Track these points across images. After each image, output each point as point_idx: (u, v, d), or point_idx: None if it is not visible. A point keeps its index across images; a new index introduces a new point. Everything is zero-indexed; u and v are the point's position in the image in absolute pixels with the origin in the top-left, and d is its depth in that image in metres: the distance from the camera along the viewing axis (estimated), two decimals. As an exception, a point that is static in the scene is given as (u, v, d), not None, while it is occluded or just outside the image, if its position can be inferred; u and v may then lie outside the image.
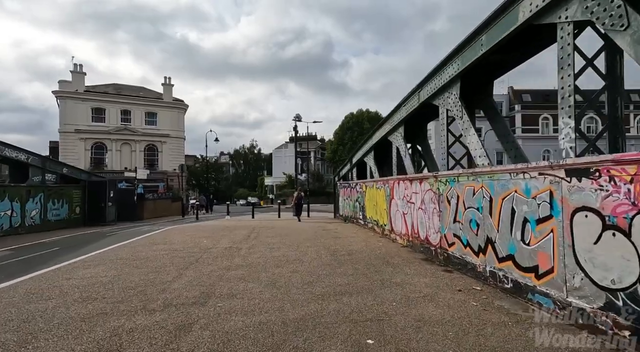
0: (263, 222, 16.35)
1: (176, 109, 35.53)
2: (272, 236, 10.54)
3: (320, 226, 13.88)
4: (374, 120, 59.70)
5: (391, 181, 9.48)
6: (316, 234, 10.98)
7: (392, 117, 9.57)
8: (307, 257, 7.15)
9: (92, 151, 31.88)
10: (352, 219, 14.57)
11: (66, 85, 30.88)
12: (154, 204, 21.76)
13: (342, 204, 17.13)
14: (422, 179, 7.37)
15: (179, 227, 13.69)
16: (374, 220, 11.35)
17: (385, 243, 8.94)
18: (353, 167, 15.07)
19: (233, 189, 76.48)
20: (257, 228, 12.80)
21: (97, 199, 15.86)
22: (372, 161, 11.93)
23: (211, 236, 10.42)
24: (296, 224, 14.92)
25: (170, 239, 9.95)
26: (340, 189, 17.64)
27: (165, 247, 8.38)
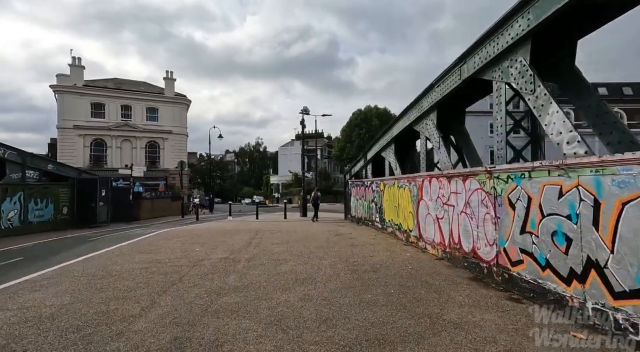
0: (268, 224, 14.89)
1: (178, 105, 34.25)
2: (278, 242, 9.05)
3: (331, 229, 12.37)
4: (382, 117, 57.96)
5: (419, 178, 7.92)
6: (328, 240, 9.47)
7: (420, 103, 8.00)
8: (322, 274, 5.63)
9: (92, 148, 30.73)
10: (367, 221, 13.03)
11: (64, 79, 29.74)
12: (151, 203, 20.45)
13: (354, 205, 15.60)
14: (468, 175, 5.80)
15: (174, 230, 12.29)
16: (395, 224, 9.80)
17: (414, 253, 7.39)
18: (368, 163, 13.52)
19: (238, 188, 75.40)
20: (261, 232, 11.33)
21: (87, 198, 14.55)
22: (393, 156, 10.37)
23: (207, 242, 8.97)
24: (304, 227, 13.43)
25: (158, 246, 8.52)
26: (352, 188, 16.11)
27: (148, 259, 6.94)
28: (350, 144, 57.19)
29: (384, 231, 10.81)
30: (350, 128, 58.48)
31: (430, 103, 7.45)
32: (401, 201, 9.24)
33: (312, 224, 14.50)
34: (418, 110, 8.14)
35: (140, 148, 32.40)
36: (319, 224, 14.44)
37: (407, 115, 9.00)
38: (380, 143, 11.57)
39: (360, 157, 14.99)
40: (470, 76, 5.82)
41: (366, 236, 10.19)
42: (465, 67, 5.97)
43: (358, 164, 15.43)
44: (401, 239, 9.16)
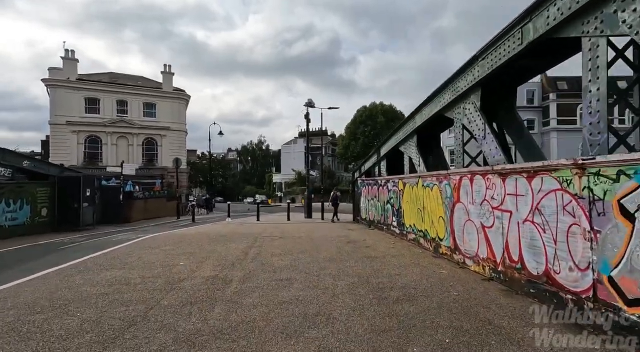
0: (269, 226, 13.43)
1: (177, 100, 32.84)
2: (280, 252, 7.57)
3: (340, 234, 10.88)
4: (388, 114, 56.42)
5: (455, 176, 6.40)
6: (340, 249, 7.98)
7: (455, 84, 6.48)
8: (339, 305, 4.15)
9: (86, 145, 29.42)
10: (381, 224, 11.53)
11: (57, 73, 28.41)
12: (144, 203, 19.05)
13: (364, 206, 14.09)
14: (538, 171, 4.28)
15: (164, 235, 10.85)
16: (418, 230, 8.28)
17: (451, 270, 5.88)
18: (381, 159, 12.00)
19: (240, 186, 74.11)
20: (261, 237, 9.86)
21: (69, 198, 13.16)
22: (415, 150, 8.84)
23: (195, 252, 7.51)
24: (310, 230, 11.94)
25: (135, 257, 7.07)
26: (362, 187, 14.60)
27: (116, 277, 5.48)
28: (355, 141, 55.64)
29: (403, 238, 9.30)
30: (354, 125, 56.92)
31: (471, 82, 5.93)
32: (427, 203, 7.73)
33: (318, 228, 13.01)
34: (452, 93, 6.61)
35: (137, 145, 31.06)
36: (327, 228, 12.95)
37: (435, 101, 7.47)
38: (398, 136, 10.05)
39: (372, 152, 13.47)
40: (540, 36, 4.28)
41: (384, 244, 8.69)
42: (531, 26, 4.44)
43: (369, 160, 13.90)
44: (427, 249, 7.66)
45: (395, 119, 56.36)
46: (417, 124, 8.51)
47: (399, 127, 9.98)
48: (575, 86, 33.91)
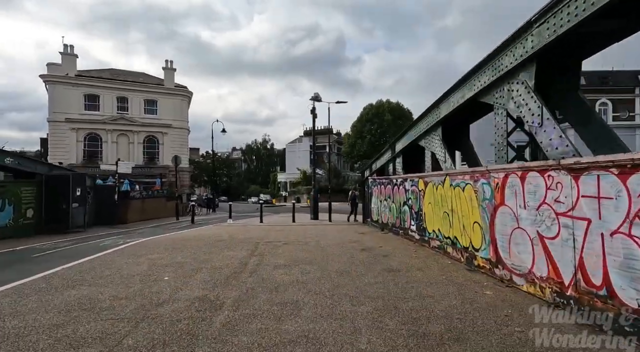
0: (273, 229, 12.33)
1: (179, 96, 31.92)
2: (284, 263, 6.46)
3: (352, 238, 9.74)
4: (395, 111, 55.06)
5: (498, 173, 5.22)
6: (354, 258, 6.84)
7: (498, 61, 5.31)
8: (364, 346, 3.02)
9: (85, 143, 28.62)
10: (396, 228, 10.37)
11: (56, 68, 27.62)
12: (142, 203, 18.07)
13: (376, 207, 12.94)
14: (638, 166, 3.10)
15: (156, 239, 9.78)
16: (445, 237, 7.12)
17: (497, 291, 4.71)
18: (397, 156, 10.83)
19: (245, 186, 73.29)
20: (263, 243, 8.76)
21: (58, 198, 12.19)
22: (439, 144, 7.66)
23: (185, 263, 6.43)
24: (318, 234, 10.81)
25: (114, 269, 6.00)
26: (373, 186, 13.44)
27: (81, 298, 4.42)
28: (361, 140, 54.43)
29: (424, 244, 8.13)
30: (361, 123, 55.67)
31: (521, 56, 4.76)
32: (457, 206, 6.56)
33: (326, 231, 11.88)
34: (494, 72, 5.43)
35: (137, 143, 30.22)
36: (336, 231, 11.81)
37: (467, 85, 6.30)
38: (418, 129, 8.88)
39: (385, 149, 12.30)
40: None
41: (403, 252, 7.53)
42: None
43: (382, 157, 12.73)
44: (457, 260, 6.49)
45: (403, 117, 55.00)
46: (443, 114, 7.34)
47: (419, 119, 8.81)
48: (595, 81, 32.37)
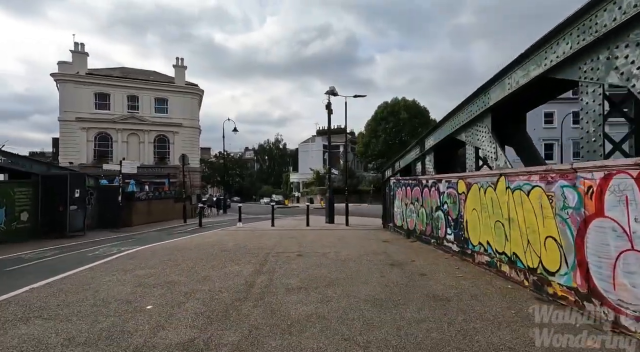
0: (285, 236, 11.12)
1: (189, 95, 31.20)
2: (299, 284, 5.21)
3: (377, 249, 8.41)
4: (411, 109, 53.22)
5: (594, 173, 3.81)
6: (385, 278, 5.52)
7: (591, 19, 3.91)
8: None
9: (96, 142, 28.18)
10: (426, 236, 8.99)
11: (67, 67, 27.27)
12: (148, 205, 17.17)
13: (400, 210, 11.57)
14: None
15: (152, 248, 8.67)
16: (499, 252, 5.72)
17: (603, 341, 3.32)
18: (426, 153, 9.44)
19: (257, 186, 72.64)
20: (274, 254, 7.55)
21: (55, 200, 11.33)
22: (488, 137, 6.27)
23: (180, 281, 5.27)
24: (336, 243, 9.53)
25: (91, 291, 4.89)
26: (396, 188, 12.07)
27: (20, 342, 3.27)
28: (376, 139, 52.86)
29: (467, 259, 6.74)
30: (375, 122, 54.06)
31: (626, 15, 3.37)
32: (518, 214, 5.17)
33: (346, 238, 10.58)
34: (583, 36, 4.04)
35: (148, 143, 29.63)
36: (357, 238, 10.50)
37: (534, 59, 4.91)
38: (456, 121, 7.49)
39: (411, 146, 10.90)
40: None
41: (443, 269, 6.17)
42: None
43: (407, 156, 11.35)
44: (518, 282, 5.09)
45: (419, 115, 53.11)
46: (494, 100, 5.95)
47: (459, 109, 7.41)
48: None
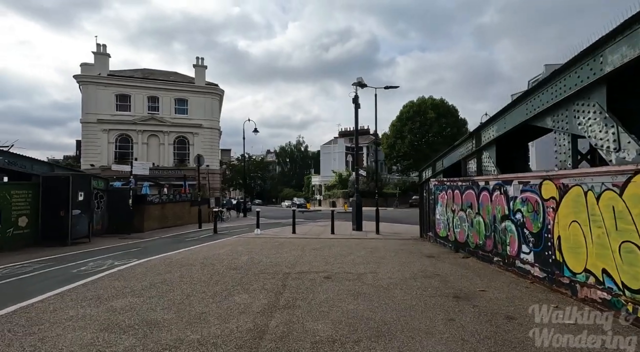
0: (308, 247, 9.51)
1: (210, 95, 30.43)
2: (331, 335, 3.55)
3: (424, 267, 6.61)
4: (439, 108, 50.49)
5: None
6: (454, 323, 3.76)
7: None
8: None
9: (117, 144, 27.85)
10: (485, 252, 7.09)
11: (89, 69, 27.16)
12: (161, 209, 16.08)
13: (443, 218, 9.70)
14: None
15: (150, 263, 7.24)
16: (629, 289, 3.81)
17: None
18: (484, 149, 7.55)
19: (278, 189, 71.82)
20: (294, 276, 5.94)
21: (56, 204, 10.32)
22: (600, 120, 4.37)
23: (161, 325, 3.76)
24: (372, 260, 7.79)
25: (34, 338, 3.47)
26: (439, 191, 10.20)
27: None
28: (401, 140, 50.44)
29: (562, 291, 4.83)
30: (400, 122, 51.65)
31: None
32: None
33: (381, 252, 8.82)
34: None
35: (168, 144, 29.05)
36: (395, 252, 8.70)
37: None
38: (536, 103, 5.60)
39: (460, 141, 8.98)
40: None
41: (533, 305, 4.30)
42: None
43: (453, 153, 9.46)
44: (679, 344, 3.23)
45: (448, 114, 50.19)
46: (614, 63, 4.06)
47: (540, 86, 5.51)
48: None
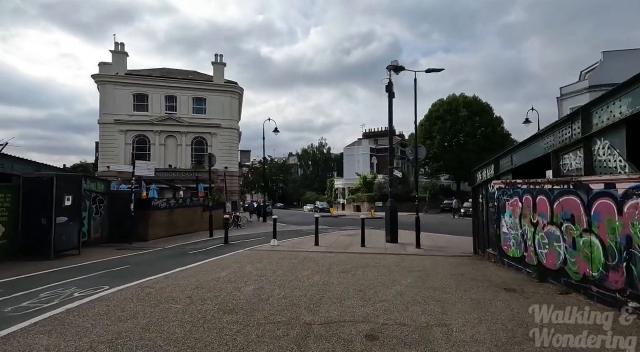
0: (336, 269, 7.33)
1: (228, 93, 29.02)
2: None
3: (513, 312, 4.28)
4: (472, 106, 46.92)
5: None
6: None
7: None
8: None
9: (134, 146, 26.93)
10: (600, 290, 4.65)
11: (107, 68, 26.45)
12: (169, 215, 14.42)
13: (514, 232, 7.25)
14: None
15: (119, 295, 5.34)
16: None
17: None
18: (596, 136, 5.08)
19: (300, 192, 70.05)
20: (317, 330, 3.82)
21: (38, 210, 8.77)
22: None
23: None
24: (428, 295, 5.51)
25: None
26: (506, 197, 7.75)
27: None
28: (431, 140, 47.12)
29: None
30: (429, 122, 48.41)
31: None
32: None
33: (435, 281, 6.52)
34: None
35: (185, 145, 27.84)
36: (456, 281, 6.33)
37: None
38: None
39: (551, 126, 6.42)
40: None
41: None
42: None
43: (532, 145, 6.99)
44: None
45: (483, 113, 46.34)
46: None
47: None
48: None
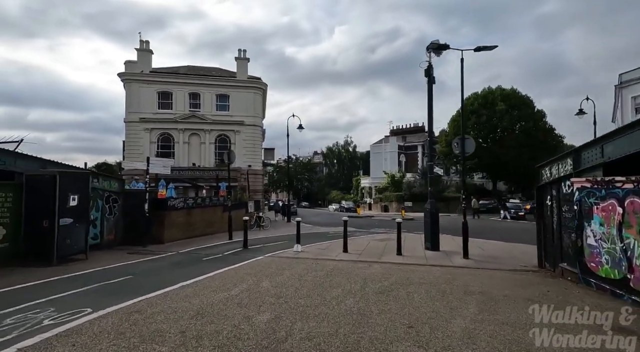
0: (371, 286, 5.90)
1: (252, 89, 28.17)
2: None
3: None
4: (510, 99, 43.48)
5: None
6: None
7: None
8: None
9: (159, 144, 26.71)
10: None
11: (133, 66, 26.38)
12: (186, 215, 13.50)
13: (607, 246, 5.49)
14: None
15: (103, 324, 4.31)
16: None
17: None
18: None
19: (325, 191, 68.76)
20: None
21: (41, 211, 8.01)
22: None
23: None
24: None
25: None
26: (590, 200, 5.98)
27: None
28: (465, 136, 44.12)
29: None
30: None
31: None
32: None
33: (508, 315, 4.94)
34: None
35: (209, 143, 27.29)
36: (543, 315, 4.74)
37: None
38: None
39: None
40: None
41: None
42: None
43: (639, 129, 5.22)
44: None
45: (523, 106, 42.83)
46: None
47: None
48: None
